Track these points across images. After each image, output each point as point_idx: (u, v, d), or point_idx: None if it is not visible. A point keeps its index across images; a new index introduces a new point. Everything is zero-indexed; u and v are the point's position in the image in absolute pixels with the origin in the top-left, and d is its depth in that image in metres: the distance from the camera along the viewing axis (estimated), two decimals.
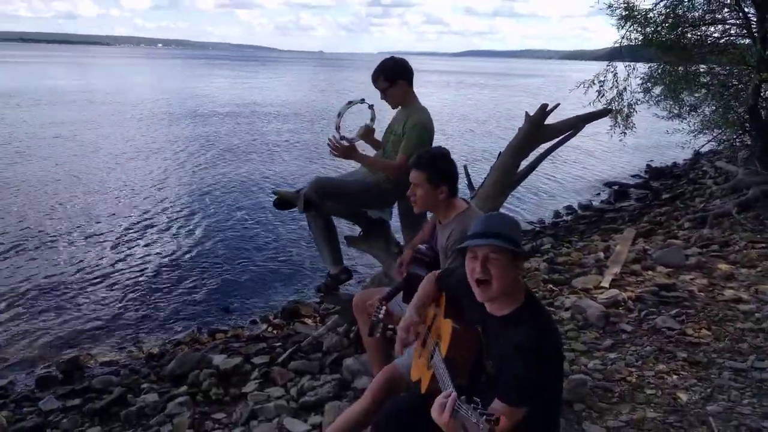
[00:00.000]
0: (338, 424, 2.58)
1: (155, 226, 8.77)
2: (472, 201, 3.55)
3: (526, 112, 3.91)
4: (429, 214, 3.29)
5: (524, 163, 4.20)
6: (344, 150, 3.47)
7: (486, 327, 1.94)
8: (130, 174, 12.18)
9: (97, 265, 7.07)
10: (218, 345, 4.77)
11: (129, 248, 7.74)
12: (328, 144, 3.50)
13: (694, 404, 3.11)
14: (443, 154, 2.78)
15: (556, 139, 4.07)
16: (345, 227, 4.35)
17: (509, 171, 3.92)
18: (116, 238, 8.04)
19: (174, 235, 8.39)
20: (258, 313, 5.82)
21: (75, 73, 50.65)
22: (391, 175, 3.54)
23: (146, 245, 7.90)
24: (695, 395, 3.20)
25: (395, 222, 4.00)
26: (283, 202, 3.97)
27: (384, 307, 2.68)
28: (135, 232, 8.43)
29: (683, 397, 3.18)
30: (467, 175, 4.08)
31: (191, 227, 8.74)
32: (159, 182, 11.59)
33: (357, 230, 4.19)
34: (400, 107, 3.68)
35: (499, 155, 3.99)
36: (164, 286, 6.57)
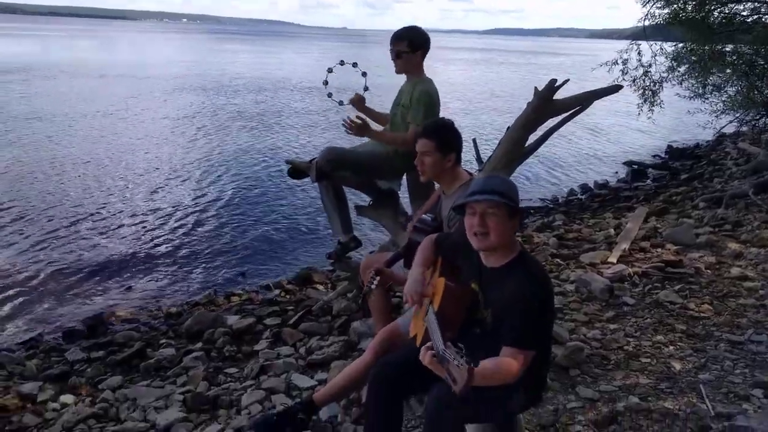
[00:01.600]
0: (341, 377, 2.73)
1: (173, 193, 9.01)
2: (480, 174, 3.64)
3: (535, 87, 3.96)
4: (436, 186, 3.40)
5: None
6: (358, 128, 3.58)
7: (483, 279, 2.07)
8: (154, 144, 12.45)
9: (117, 231, 7.34)
10: (233, 307, 4.98)
11: (147, 214, 7.99)
12: (343, 124, 3.62)
13: (687, 372, 3.20)
14: (450, 123, 2.88)
15: (565, 114, 4.11)
16: (355, 197, 4.49)
17: (517, 144, 3.98)
18: (138, 206, 8.28)
19: (190, 202, 8.61)
20: (272, 278, 6.01)
21: (101, 47, 51.20)
22: (405, 147, 3.63)
23: (164, 212, 8.13)
24: (689, 365, 3.29)
25: (404, 192, 4.12)
26: (297, 171, 4.09)
27: (378, 278, 2.77)
28: (156, 200, 8.68)
29: (677, 365, 3.28)
30: (476, 148, 4.15)
31: (210, 196, 8.96)
32: (181, 152, 11.84)
33: (367, 200, 4.31)
34: (406, 79, 3.75)
35: (507, 129, 4.06)
36: (182, 250, 6.80)
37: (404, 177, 4.03)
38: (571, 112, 4.10)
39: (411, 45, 3.63)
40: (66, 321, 4.92)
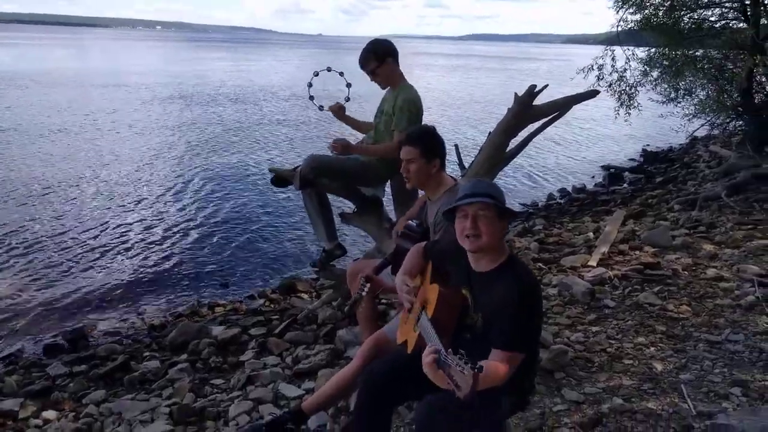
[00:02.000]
0: (329, 385, 2.73)
1: (155, 204, 8.90)
2: (462, 180, 3.68)
3: (515, 93, 4.03)
4: (420, 192, 3.43)
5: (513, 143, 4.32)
6: (342, 147, 3.62)
7: (473, 283, 2.11)
8: (131, 153, 12.29)
9: (98, 241, 7.22)
10: (217, 317, 4.94)
11: (129, 225, 7.87)
12: (328, 147, 3.69)
13: (668, 373, 3.27)
14: (432, 130, 2.92)
15: (544, 120, 4.19)
16: (339, 204, 4.50)
17: (498, 150, 4.04)
18: (117, 215, 8.18)
19: (173, 212, 8.52)
20: (256, 288, 5.98)
21: (74, 56, 50.33)
22: (392, 156, 3.66)
23: (146, 223, 8.03)
24: (670, 365, 3.36)
25: (387, 199, 4.14)
26: (280, 179, 4.10)
27: (368, 285, 2.79)
28: (134, 209, 8.57)
29: (659, 366, 3.34)
30: (458, 154, 4.21)
31: (190, 205, 8.88)
32: (160, 161, 11.71)
33: (351, 207, 4.33)
34: (388, 87, 3.79)
35: (489, 135, 4.11)
36: (164, 261, 6.72)
37: (387, 183, 4.06)
38: (550, 117, 4.18)
39: (377, 58, 3.67)
40: (45, 335, 4.83)
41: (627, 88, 10.47)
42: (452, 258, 2.26)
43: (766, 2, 8.98)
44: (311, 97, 3.94)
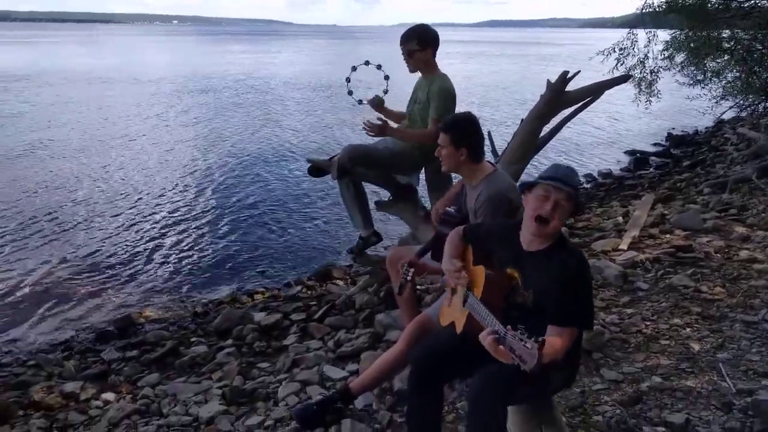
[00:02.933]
0: (376, 366, 2.84)
1: (191, 195, 9.13)
2: (499, 166, 3.74)
3: (548, 80, 4.07)
4: (455, 179, 3.50)
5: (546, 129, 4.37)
6: (379, 128, 3.68)
7: (523, 263, 2.16)
8: (170, 149, 12.53)
9: (136, 233, 7.45)
10: (257, 304, 5.11)
11: (166, 217, 8.10)
12: (363, 126, 3.73)
13: (706, 353, 3.30)
14: (467, 119, 2.94)
15: (577, 105, 4.22)
16: (374, 193, 4.60)
17: (531, 136, 4.09)
18: (155, 210, 8.39)
19: (208, 203, 8.73)
20: (292, 275, 6.12)
21: (96, 53, 50.82)
22: (428, 142, 3.72)
23: (182, 214, 8.26)
24: (707, 345, 3.39)
25: (422, 187, 4.22)
26: (317, 169, 4.20)
27: (412, 269, 2.87)
28: (172, 201, 8.81)
29: (695, 346, 3.38)
30: (491, 141, 4.26)
31: (224, 196, 9.09)
32: (198, 153, 11.98)
33: (386, 195, 4.42)
34: (421, 75, 3.84)
35: (521, 122, 4.16)
36: (202, 251, 6.91)
37: (421, 171, 4.14)
38: (582, 102, 4.21)
39: (420, 43, 3.72)
40: (95, 323, 5.05)
41: (649, 73, 10.35)
42: (500, 239, 2.33)
43: None
44: (350, 92, 3.99)
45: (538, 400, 2.32)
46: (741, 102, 10.74)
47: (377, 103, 3.98)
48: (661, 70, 10.47)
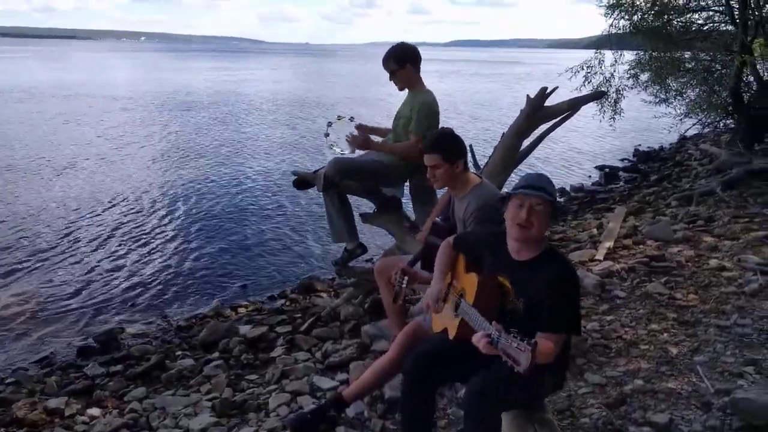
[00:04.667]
0: (369, 374, 2.86)
1: (171, 211, 9.05)
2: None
3: (528, 95, 4.22)
4: (440, 191, 3.59)
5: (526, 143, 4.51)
6: (362, 142, 3.76)
7: (514, 272, 2.23)
8: (146, 165, 12.43)
9: (115, 252, 7.33)
10: (242, 317, 5.09)
11: (145, 231, 8.04)
12: (346, 139, 3.81)
13: (683, 356, 3.43)
14: (449, 133, 3.02)
15: (555, 120, 4.38)
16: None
17: (512, 150, 4.22)
18: (134, 225, 8.31)
19: (188, 219, 8.67)
20: (274, 289, 6.12)
21: (58, 68, 49.67)
22: (408, 156, 3.81)
23: (162, 228, 8.21)
24: (684, 348, 3.52)
25: (407, 199, 4.30)
26: (302, 182, 4.25)
27: (406, 277, 2.93)
28: (151, 215, 8.74)
29: (673, 350, 3.51)
30: (473, 154, 4.38)
31: (205, 210, 9.07)
32: (175, 168, 11.89)
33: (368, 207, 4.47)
34: (407, 91, 3.95)
35: (502, 136, 4.29)
36: (183, 265, 6.85)
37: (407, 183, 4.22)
38: (560, 117, 4.37)
39: (397, 62, 3.82)
40: (75, 339, 4.95)
41: (614, 92, 10.74)
42: (489, 247, 2.41)
43: (752, 5, 9.28)
44: (331, 146, 4.00)
45: (533, 403, 2.38)
46: (703, 119, 11.19)
47: (363, 139, 3.95)
48: (626, 88, 10.88)
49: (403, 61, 3.83)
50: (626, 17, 10.37)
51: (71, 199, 9.45)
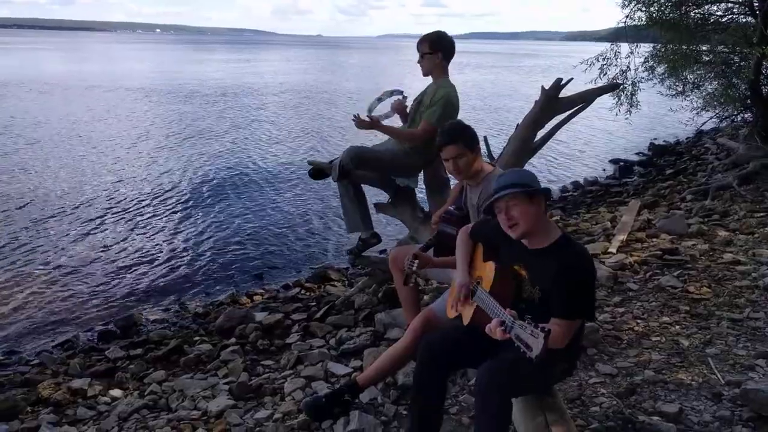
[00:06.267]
0: (383, 359, 2.92)
1: (189, 200, 9.19)
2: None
3: (542, 86, 4.23)
4: (452, 181, 3.62)
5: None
6: (367, 123, 3.80)
7: (528, 260, 2.27)
8: (164, 151, 12.66)
9: (135, 240, 7.48)
10: (258, 305, 5.19)
11: (164, 223, 8.16)
12: (353, 119, 3.84)
13: (695, 348, 3.45)
14: (460, 123, 3.09)
15: (569, 111, 4.38)
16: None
17: (526, 141, 4.24)
18: (152, 214, 8.46)
19: (206, 208, 8.81)
20: (289, 278, 6.21)
21: (75, 60, 50.32)
22: (413, 143, 3.83)
23: (180, 217, 8.35)
24: (696, 341, 3.54)
25: (420, 189, 4.34)
26: (318, 171, 4.30)
27: (417, 260, 2.98)
28: (170, 206, 8.86)
29: (685, 342, 3.53)
30: (487, 145, 4.40)
31: (222, 200, 9.20)
32: (190, 158, 12.03)
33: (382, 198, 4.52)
34: (431, 80, 3.97)
35: (517, 127, 4.31)
36: (200, 254, 6.97)
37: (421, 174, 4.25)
38: (575, 108, 4.37)
39: (432, 46, 3.84)
40: (95, 324, 5.09)
41: (630, 84, 10.63)
42: (505, 236, 2.44)
43: None
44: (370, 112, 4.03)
45: (544, 389, 2.42)
46: (720, 113, 11.06)
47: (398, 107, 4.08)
48: (642, 80, 10.76)
49: (436, 48, 3.84)
50: (643, 8, 10.25)
51: (93, 187, 9.64)
